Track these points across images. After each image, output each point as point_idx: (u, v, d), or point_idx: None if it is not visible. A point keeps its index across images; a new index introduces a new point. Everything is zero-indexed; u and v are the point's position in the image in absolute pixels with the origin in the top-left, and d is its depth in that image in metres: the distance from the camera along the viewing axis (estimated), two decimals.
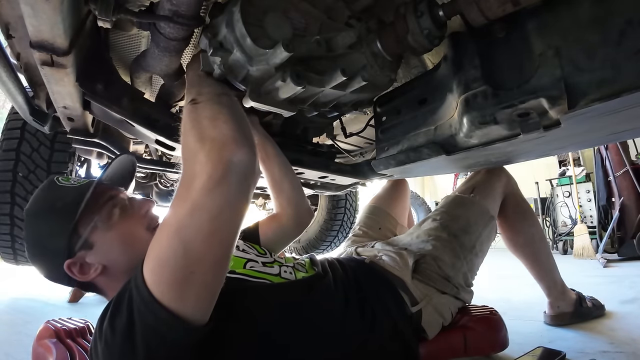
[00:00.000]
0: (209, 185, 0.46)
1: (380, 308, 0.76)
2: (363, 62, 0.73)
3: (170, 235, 0.47)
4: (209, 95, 0.61)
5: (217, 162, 0.48)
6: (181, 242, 0.45)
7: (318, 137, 1.35)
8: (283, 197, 0.92)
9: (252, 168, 0.52)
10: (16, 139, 1.42)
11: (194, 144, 0.52)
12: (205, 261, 0.47)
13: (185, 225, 0.46)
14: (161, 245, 0.47)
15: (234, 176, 0.48)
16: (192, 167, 0.50)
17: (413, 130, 0.86)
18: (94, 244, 0.60)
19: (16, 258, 1.56)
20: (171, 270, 0.45)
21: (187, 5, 0.59)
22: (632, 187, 3.18)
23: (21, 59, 0.70)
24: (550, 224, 4.29)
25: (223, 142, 0.50)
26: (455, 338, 0.82)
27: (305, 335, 0.64)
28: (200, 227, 0.46)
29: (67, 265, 0.58)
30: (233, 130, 0.52)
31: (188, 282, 0.45)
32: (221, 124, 0.53)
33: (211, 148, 0.49)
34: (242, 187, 0.50)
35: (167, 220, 0.49)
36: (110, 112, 0.75)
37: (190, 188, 0.48)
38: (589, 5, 0.55)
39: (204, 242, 0.46)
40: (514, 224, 1.10)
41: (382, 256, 0.92)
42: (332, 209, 2.54)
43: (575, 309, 1.16)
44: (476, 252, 0.94)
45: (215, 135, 0.51)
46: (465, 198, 1.02)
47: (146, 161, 1.14)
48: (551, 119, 0.60)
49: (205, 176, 0.47)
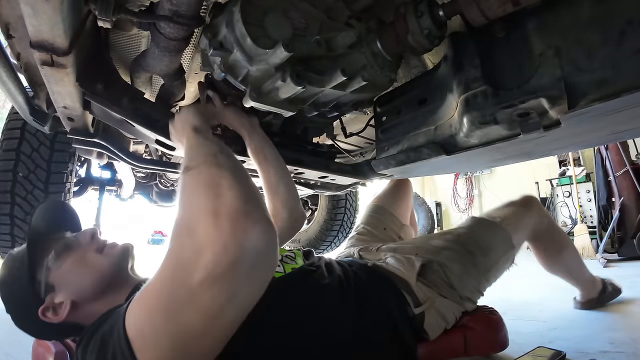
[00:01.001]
0: (212, 276, 0.36)
1: (379, 307, 0.75)
2: (363, 62, 0.73)
3: (159, 322, 0.39)
4: (203, 156, 0.51)
5: (222, 246, 0.37)
6: (172, 334, 0.38)
7: (318, 137, 1.35)
8: (278, 200, 0.92)
9: (272, 246, 0.40)
10: (16, 139, 1.42)
11: (188, 217, 0.42)
12: (205, 350, 0.40)
13: (178, 318, 0.38)
14: (147, 324, 0.40)
15: (248, 262, 0.38)
16: (184, 249, 0.40)
17: (413, 130, 0.86)
18: (54, 283, 0.63)
19: None
20: (161, 355, 0.39)
21: (187, 5, 0.59)
22: (632, 187, 3.18)
23: (21, 59, 0.70)
24: None
25: (227, 219, 0.38)
26: (455, 338, 0.82)
27: (297, 332, 0.63)
28: (197, 324, 0.38)
29: (41, 312, 0.61)
30: (241, 200, 0.41)
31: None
32: (223, 192, 0.42)
33: (213, 227, 0.38)
34: (256, 277, 0.40)
35: (154, 299, 0.40)
36: (110, 112, 0.75)
37: (183, 276, 0.38)
38: (589, 5, 0.55)
39: (202, 336, 0.38)
40: (549, 256, 1.19)
41: (386, 259, 0.91)
42: (332, 209, 2.54)
43: (599, 295, 1.32)
44: (488, 277, 0.92)
45: (217, 208, 0.40)
46: (491, 222, 1.00)
47: (146, 161, 1.14)
48: (551, 119, 0.60)
49: (207, 265, 0.36)
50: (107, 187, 2.15)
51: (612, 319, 1.22)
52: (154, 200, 2.53)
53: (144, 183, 2.35)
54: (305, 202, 2.61)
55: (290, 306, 0.65)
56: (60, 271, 0.63)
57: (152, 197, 2.52)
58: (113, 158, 1.05)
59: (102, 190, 2.10)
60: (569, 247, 1.19)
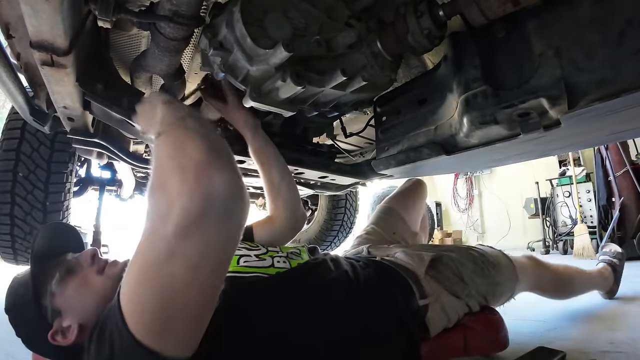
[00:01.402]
0: (183, 226, 0.38)
1: (386, 299, 0.75)
2: (363, 62, 0.73)
3: (143, 280, 0.41)
4: (171, 121, 0.52)
5: (191, 195, 0.39)
6: (158, 291, 0.40)
7: (318, 137, 1.35)
8: (280, 201, 0.92)
9: (238, 193, 0.42)
10: (16, 139, 1.42)
11: (158, 177, 0.44)
12: (186, 309, 0.42)
13: (160, 273, 0.40)
14: (134, 287, 0.42)
15: (215, 209, 0.40)
16: (157, 206, 0.42)
17: (413, 130, 0.86)
18: (60, 308, 0.62)
19: (16, 258, 1.55)
20: (148, 316, 0.41)
21: (187, 5, 0.59)
22: (632, 187, 3.18)
23: (21, 59, 0.70)
24: (550, 224, 4.29)
25: (192, 170, 0.40)
26: (455, 337, 0.82)
27: (304, 324, 0.63)
28: (180, 275, 0.40)
29: (50, 337, 0.60)
30: (204, 151, 0.43)
31: (169, 327, 0.41)
32: (189, 148, 0.44)
33: (182, 178, 0.40)
34: (228, 221, 0.42)
35: (137, 261, 0.42)
36: (110, 112, 0.75)
37: (159, 231, 0.40)
38: (589, 5, 0.55)
39: (187, 288, 0.40)
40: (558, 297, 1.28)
41: (395, 254, 0.91)
42: (332, 208, 2.54)
43: (615, 278, 1.45)
44: (494, 290, 0.92)
45: (183, 163, 0.42)
46: (506, 255, 1.02)
47: (146, 161, 1.14)
48: (551, 118, 0.60)
49: (178, 215, 0.39)
50: (107, 187, 2.15)
51: (612, 319, 1.22)
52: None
53: (144, 183, 2.35)
54: (305, 202, 2.61)
55: (294, 301, 0.66)
56: (64, 296, 0.63)
57: None
58: (113, 158, 1.05)
59: (102, 190, 2.10)
60: (576, 285, 1.26)
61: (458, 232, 5.92)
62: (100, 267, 0.67)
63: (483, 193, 6.19)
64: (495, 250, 1.02)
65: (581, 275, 1.29)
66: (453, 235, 5.74)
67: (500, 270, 0.95)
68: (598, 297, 1.46)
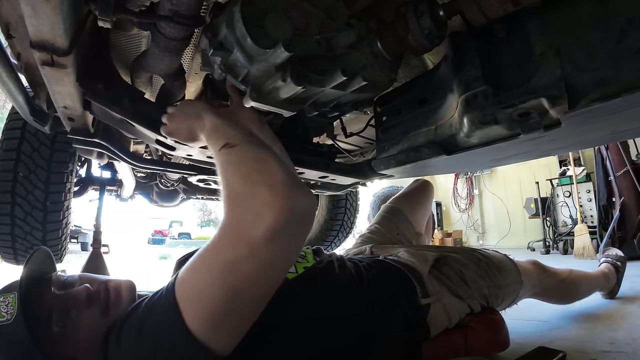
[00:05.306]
0: (270, 233, 0.45)
1: (391, 299, 0.75)
2: (363, 62, 0.73)
3: (217, 276, 0.46)
4: (242, 136, 0.58)
5: (279, 209, 0.46)
6: (229, 287, 0.46)
7: (318, 137, 1.35)
8: None
9: (312, 213, 0.51)
10: (17, 139, 1.42)
11: (243, 187, 0.50)
12: (251, 304, 0.48)
13: (237, 270, 0.46)
14: (203, 282, 0.47)
15: (296, 223, 0.48)
16: (244, 213, 0.48)
17: (413, 130, 0.86)
18: (72, 357, 0.59)
19: (16, 258, 1.55)
20: (213, 309, 0.46)
21: (187, 5, 0.59)
22: (632, 187, 3.18)
23: (21, 59, 0.70)
24: (550, 223, 4.29)
25: (281, 188, 0.48)
26: (456, 338, 0.82)
27: (310, 327, 0.64)
28: (254, 275, 0.46)
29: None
30: (286, 174, 0.50)
31: (225, 323, 0.47)
32: (271, 167, 0.51)
33: (270, 194, 0.47)
34: (301, 235, 0.50)
35: (213, 258, 0.48)
36: (111, 112, 0.75)
37: (245, 234, 0.46)
38: (590, 5, 0.55)
39: (255, 288, 0.47)
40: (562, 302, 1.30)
41: (399, 253, 0.91)
42: (332, 208, 2.54)
43: (617, 279, 1.48)
44: (497, 293, 0.92)
45: (270, 180, 0.49)
46: (511, 259, 1.02)
47: (146, 161, 1.14)
48: (552, 118, 0.60)
49: (266, 224, 0.45)
50: (107, 187, 2.15)
51: (612, 319, 1.22)
52: (155, 200, 2.53)
53: (144, 183, 2.35)
54: None
55: (305, 307, 0.66)
56: (72, 348, 0.58)
57: (152, 197, 2.52)
58: (113, 158, 1.05)
59: (103, 190, 2.10)
60: (581, 290, 1.26)
61: (458, 232, 5.92)
62: (102, 306, 0.61)
63: (483, 193, 6.19)
64: (500, 254, 1.02)
65: (585, 279, 1.30)
66: (453, 235, 5.74)
67: (504, 273, 0.95)
68: (598, 297, 1.46)
